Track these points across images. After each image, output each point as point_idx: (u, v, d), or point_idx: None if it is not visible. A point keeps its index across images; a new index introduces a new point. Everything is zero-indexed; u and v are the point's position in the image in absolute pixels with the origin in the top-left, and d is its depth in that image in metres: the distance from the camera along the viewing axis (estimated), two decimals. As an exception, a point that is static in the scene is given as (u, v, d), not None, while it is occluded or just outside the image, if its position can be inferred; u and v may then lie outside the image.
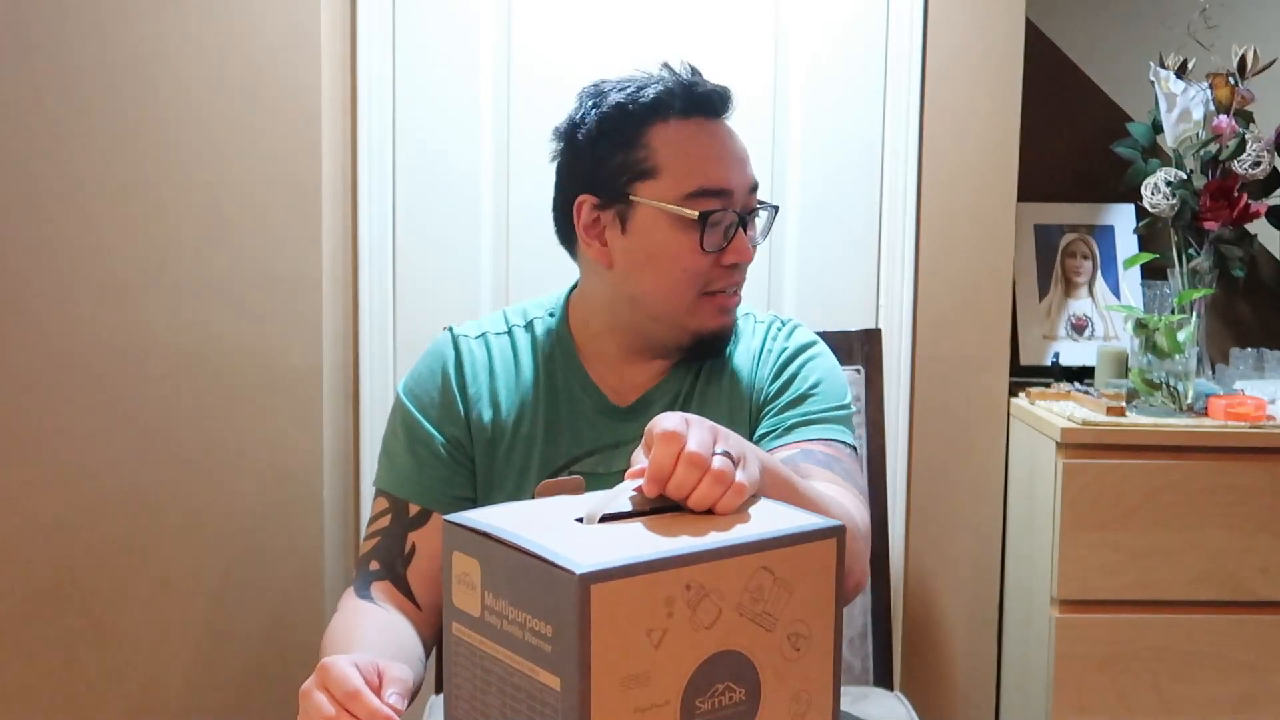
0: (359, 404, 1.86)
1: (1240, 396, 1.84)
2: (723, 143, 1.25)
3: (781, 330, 1.36)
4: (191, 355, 1.68)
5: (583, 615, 0.72)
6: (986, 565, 1.99)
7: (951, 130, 1.91)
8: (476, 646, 0.80)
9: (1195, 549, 1.77)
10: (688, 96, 1.24)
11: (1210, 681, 1.80)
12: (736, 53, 1.87)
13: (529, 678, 0.76)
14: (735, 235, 1.24)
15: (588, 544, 0.77)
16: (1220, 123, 1.98)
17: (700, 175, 1.22)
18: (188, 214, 1.67)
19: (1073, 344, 2.12)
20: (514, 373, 1.30)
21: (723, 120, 1.27)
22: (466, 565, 0.80)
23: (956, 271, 1.93)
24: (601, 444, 1.29)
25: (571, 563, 0.73)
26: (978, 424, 1.96)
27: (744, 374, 1.33)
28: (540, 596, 0.74)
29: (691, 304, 1.25)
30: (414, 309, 1.86)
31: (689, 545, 0.78)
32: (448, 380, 1.29)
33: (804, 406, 1.29)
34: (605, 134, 1.24)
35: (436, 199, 1.86)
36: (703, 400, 1.31)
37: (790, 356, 1.33)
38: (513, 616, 0.77)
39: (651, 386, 1.30)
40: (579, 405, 1.30)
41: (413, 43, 1.83)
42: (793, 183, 1.90)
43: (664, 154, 1.22)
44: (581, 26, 1.85)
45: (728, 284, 1.26)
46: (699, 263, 1.23)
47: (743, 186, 1.25)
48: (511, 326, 1.33)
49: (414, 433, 1.29)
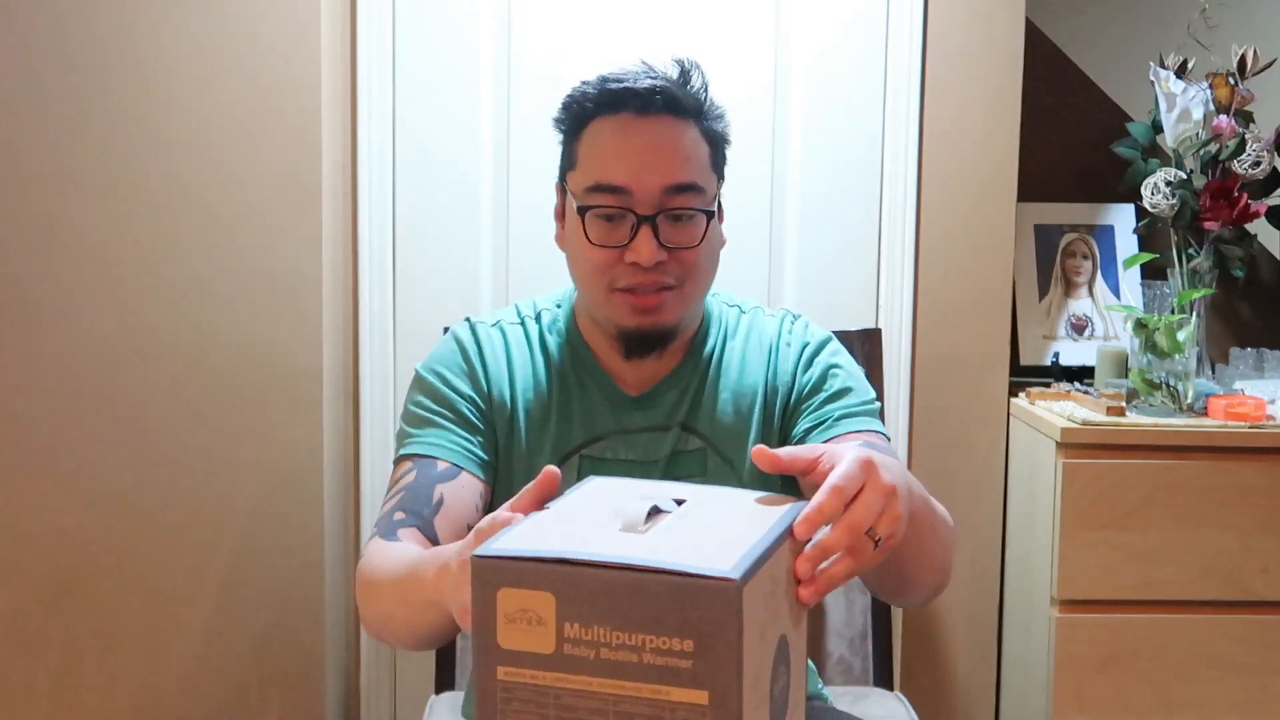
0: (359, 404, 1.86)
1: (1240, 396, 1.84)
2: (633, 140, 1.23)
3: (796, 323, 1.37)
4: (191, 355, 1.68)
5: (736, 622, 0.69)
6: (986, 565, 1.99)
7: (951, 130, 1.91)
8: (548, 686, 0.74)
9: (1195, 549, 1.77)
10: (611, 93, 1.24)
11: (1210, 681, 1.80)
12: (736, 53, 1.87)
13: (654, 701, 0.72)
14: (638, 234, 1.21)
15: (696, 547, 0.74)
16: (1220, 123, 1.98)
17: (598, 170, 1.24)
18: (187, 213, 1.67)
19: (1073, 344, 2.12)
20: (528, 359, 1.33)
21: (655, 117, 1.24)
22: (528, 601, 0.73)
23: (956, 271, 1.93)
24: (610, 430, 1.31)
25: (715, 570, 0.70)
26: (978, 424, 1.96)
27: (755, 365, 1.34)
28: (669, 612, 0.70)
29: (605, 298, 1.25)
30: (414, 309, 1.86)
31: (769, 534, 0.77)
32: (468, 357, 1.32)
33: (845, 400, 1.30)
34: (559, 122, 1.30)
35: (436, 199, 1.86)
36: (713, 393, 1.33)
37: (816, 350, 1.34)
38: (620, 642, 0.72)
39: (661, 378, 1.32)
40: (589, 392, 1.32)
41: (413, 43, 1.83)
42: (793, 183, 1.90)
43: (583, 146, 1.26)
44: (581, 26, 1.85)
45: (635, 282, 1.23)
46: (595, 256, 1.23)
47: (649, 185, 1.22)
48: (524, 318, 1.36)
49: (437, 399, 1.30)
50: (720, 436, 1.32)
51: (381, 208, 1.84)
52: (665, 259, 1.22)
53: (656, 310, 1.24)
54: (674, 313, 1.26)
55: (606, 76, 1.26)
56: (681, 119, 1.25)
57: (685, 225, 1.24)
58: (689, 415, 1.32)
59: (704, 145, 1.27)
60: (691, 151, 1.25)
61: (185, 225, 1.68)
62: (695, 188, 1.24)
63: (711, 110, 1.29)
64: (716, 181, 1.30)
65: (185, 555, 1.71)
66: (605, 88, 1.25)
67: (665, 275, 1.23)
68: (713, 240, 1.28)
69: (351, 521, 1.87)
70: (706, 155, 1.28)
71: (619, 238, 1.23)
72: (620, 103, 1.24)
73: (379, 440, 1.86)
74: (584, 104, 1.26)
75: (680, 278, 1.24)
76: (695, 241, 1.24)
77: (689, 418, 1.32)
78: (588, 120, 1.26)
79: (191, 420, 1.70)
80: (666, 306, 1.25)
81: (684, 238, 1.24)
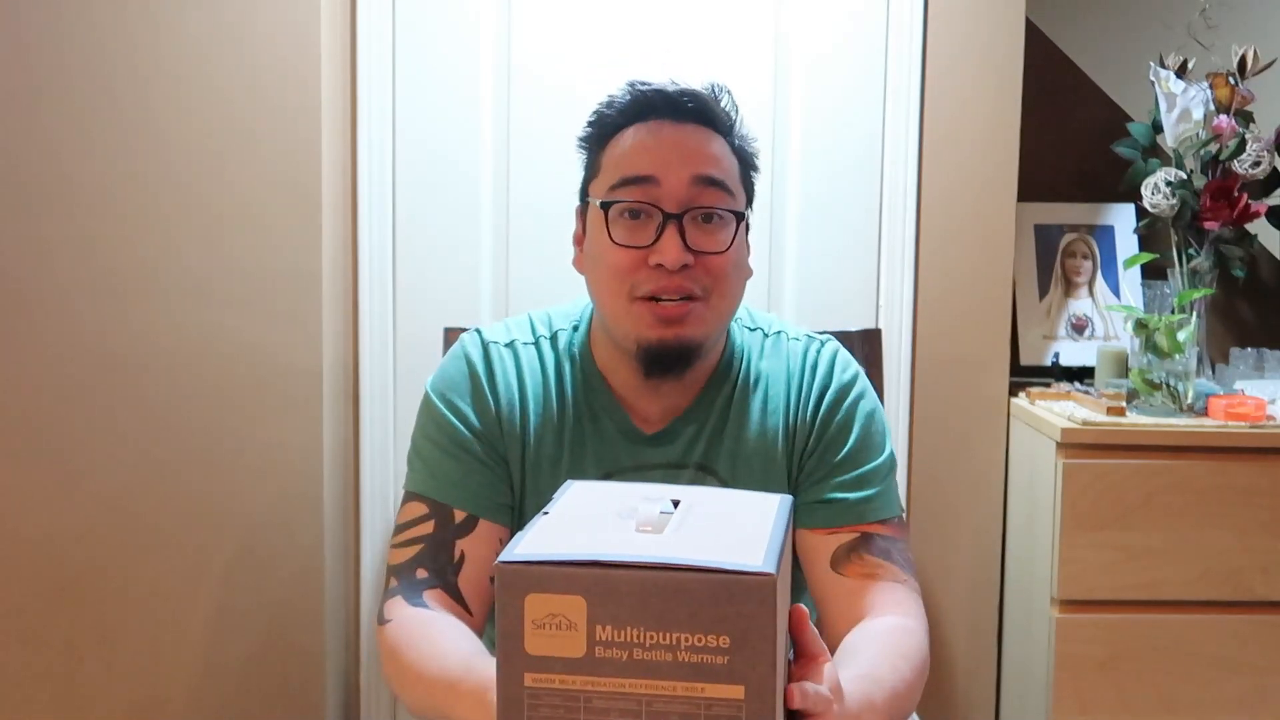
0: (359, 404, 1.86)
1: (1240, 396, 1.84)
2: (662, 138, 1.19)
3: (821, 355, 1.30)
4: (191, 355, 1.68)
5: (771, 615, 0.70)
6: (986, 565, 1.99)
7: (951, 130, 1.91)
8: (578, 690, 0.74)
9: (1195, 549, 1.77)
10: (642, 98, 1.22)
11: (1210, 681, 1.80)
12: (736, 54, 1.87)
13: (689, 699, 0.72)
14: (664, 234, 1.16)
15: (720, 544, 0.75)
16: (1220, 123, 1.98)
17: (625, 166, 1.19)
18: (187, 214, 1.67)
19: (1073, 344, 2.12)
20: (541, 386, 1.27)
21: (684, 123, 1.21)
22: (557, 605, 0.73)
23: (956, 271, 1.93)
24: (623, 466, 1.26)
25: (750, 565, 0.71)
26: (978, 424, 1.96)
27: (778, 403, 1.28)
28: (704, 609, 0.71)
29: (626, 308, 1.18)
30: (414, 309, 1.86)
31: (776, 527, 0.78)
32: (479, 385, 1.26)
33: (854, 472, 1.24)
34: (585, 140, 1.27)
35: (436, 199, 1.86)
36: (735, 433, 1.27)
37: (835, 398, 1.27)
38: (654, 641, 0.72)
39: (678, 415, 1.27)
40: (603, 426, 1.27)
41: (413, 43, 1.83)
42: (793, 182, 1.90)
43: (609, 152, 1.22)
44: (582, 27, 1.85)
45: (658, 288, 1.17)
46: (619, 259, 1.17)
47: (678, 176, 1.17)
48: (539, 338, 1.29)
49: (452, 436, 1.24)
50: (741, 480, 1.27)
51: (381, 208, 1.84)
52: (692, 263, 1.16)
53: (680, 322, 1.17)
54: (699, 327, 1.19)
55: (635, 82, 1.23)
56: (712, 129, 1.22)
57: (713, 229, 1.19)
58: (705, 455, 1.27)
59: (734, 158, 1.23)
60: (722, 155, 1.21)
61: (185, 225, 1.68)
62: (725, 186, 1.19)
63: (743, 131, 1.26)
64: (746, 199, 1.25)
65: (185, 555, 1.71)
66: (635, 92, 1.22)
67: (691, 283, 1.17)
68: (741, 252, 1.23)
69: (351, 522, 1.87)
70: (737, 168, 1.24)
71: (644, 238, 1.17)
72: (650, 109, 1.21)
73: (379, 442, 1.86)
74: (612, 114, 1.23)
75: (707, 288, 1.18)
76: (724, 247, 1.19)
77: (705, 457, 1.27)
78: (616, 130, 1.22)
79: (191, 421, 1.70)
80: (691, 319, 1.18)
81: (712, 242, 1.18)
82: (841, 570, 1.20)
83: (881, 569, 1.21)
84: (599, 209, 1.20)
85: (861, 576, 1.20)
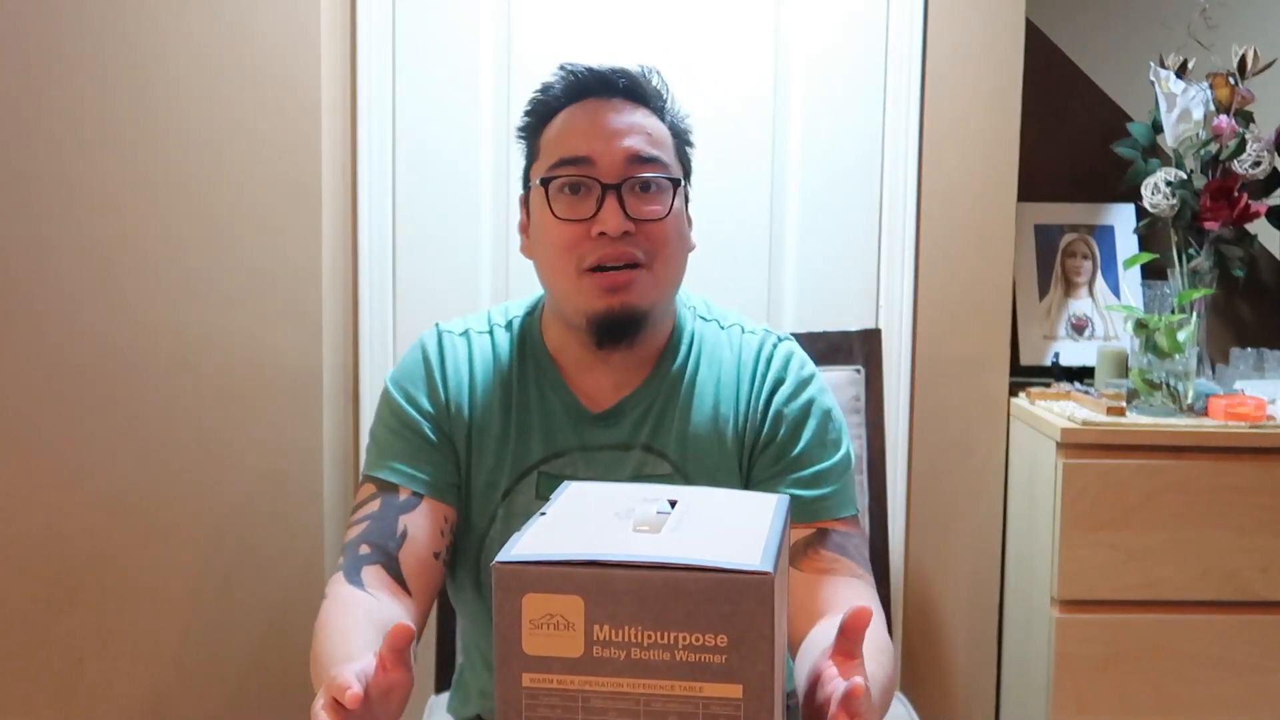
0: (359, 403, 1.86)
1: (1240, 396, 1.84)
2: (596, 119, 1.24)
3: (777, 350, 1.31)
4: (191, 355, 1.68)
5: (769, 614, 0.71)
6: (986, 565, 1.99)
7: (951, 130, 1.91)
8: (576, 690, 0.74)
9: (1195, 549, 1.77)
10: (575, 79, 1.26)
11: (1210, 681, 1.80)
12: (736, 53, 1.87)
13: (687, 698, 0.72)
14: (604, 204, 1.20)
15: (718, 544, 0.75)
16: (1220, 123, 1.98)
17: (562, 148, 1.24)
18: (187, 213, 1.67)
19: (1073, 344, 2.12)
20: (491, 371, 1.31)
21: (619, 101, 1.25)
22: (555, 605, 0.73)
23: (956, 271, 1.93)
24: (570, 447, 1.28)
25: (748, 564, 0.71)
26: (978, 424, 1.96)
27: (731, 392, 1.30)
28: (703, 608, 0.71)
29: (575, 283, 1.22)
30: (414, 309, 1.86)
31: (774, 527, 0.78)
32: (430, 371, 1.30)
33: (811, 469, 1.26)
34: (523, 129, 1.31)
35: (436, 199, 1.86)
36: (684, 415, 1.28)
37: (791, 393, 1.29)
38: (652, 641, 0.72)
39: (625, 395, 1.29)
40: (550, 406, 1.29)
41: (413, 43, 1.83)
42: (793, 183, 1.90)
43: (546, 136, 1.27)
44: (581, 27, 1.85)
45: (602, 257, 1.21)
46: (563, 234, 1.22)
47: (613, 156, 1.22)
48: (493, 326, 1.34)
49: (402, 419, 1.29)
50: (692, 464, 1.28)
51: (381, 208, 1.84)
52: (633, 230, 1.21)
53: (625, 289, 1.21)
54: (644, 294, 1.23)
55: (566, 65, 1.27)
56: (645, 106, 1.26)
57: (651, 197, 1.23)
58: (652, 436, 1.28)
59: (669, 135, 1.28)
60: (655, 131, 1.26)
61: (185, 225, 1.68)
62: (660, 162, 1.24)
63: (675, 108, 1.30)
64: (682, 174, 1.28)
65: (185, 555, 1.71)
66: (568, 75, 1.26)
67: (634, 248, 1.21)
68: (680, 221, 1.27)
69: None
70: (671, 144, 1.28)
71: (585, 211, 1.21)
72: (584, 89, 1.25)
73: (379, 440, 1.86)
74: (548, 99, 1.27)
75: (650, 253, 1.22)
76: (664, 213, 1.23)
77: (652, 438, 1.28)
78: (552, 115, 1.27)
79: (191, 420, 1.70)
80: (636, 286, 1.22)
81: (651, 210, 1.23)
82: (798, 565, 1.22)
83: (838, 564, 1.22)
84: (540, 187, 1.25)
85: (818, 571, 1.21)
